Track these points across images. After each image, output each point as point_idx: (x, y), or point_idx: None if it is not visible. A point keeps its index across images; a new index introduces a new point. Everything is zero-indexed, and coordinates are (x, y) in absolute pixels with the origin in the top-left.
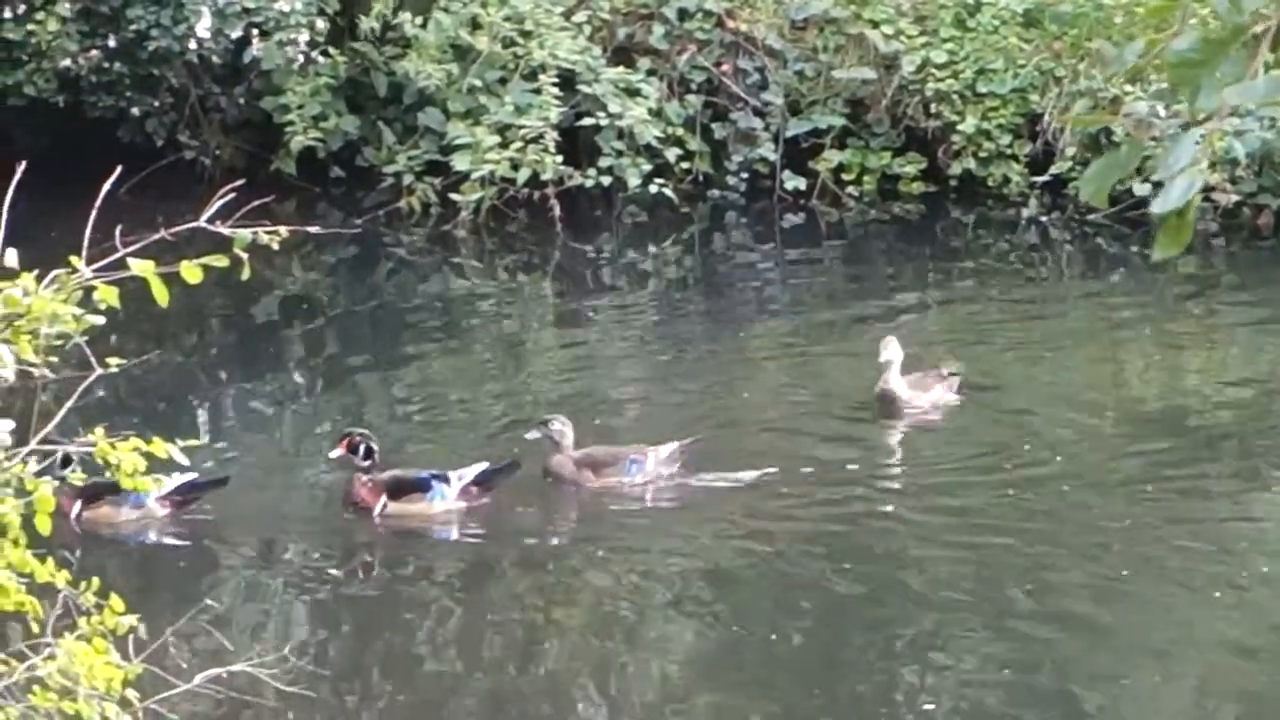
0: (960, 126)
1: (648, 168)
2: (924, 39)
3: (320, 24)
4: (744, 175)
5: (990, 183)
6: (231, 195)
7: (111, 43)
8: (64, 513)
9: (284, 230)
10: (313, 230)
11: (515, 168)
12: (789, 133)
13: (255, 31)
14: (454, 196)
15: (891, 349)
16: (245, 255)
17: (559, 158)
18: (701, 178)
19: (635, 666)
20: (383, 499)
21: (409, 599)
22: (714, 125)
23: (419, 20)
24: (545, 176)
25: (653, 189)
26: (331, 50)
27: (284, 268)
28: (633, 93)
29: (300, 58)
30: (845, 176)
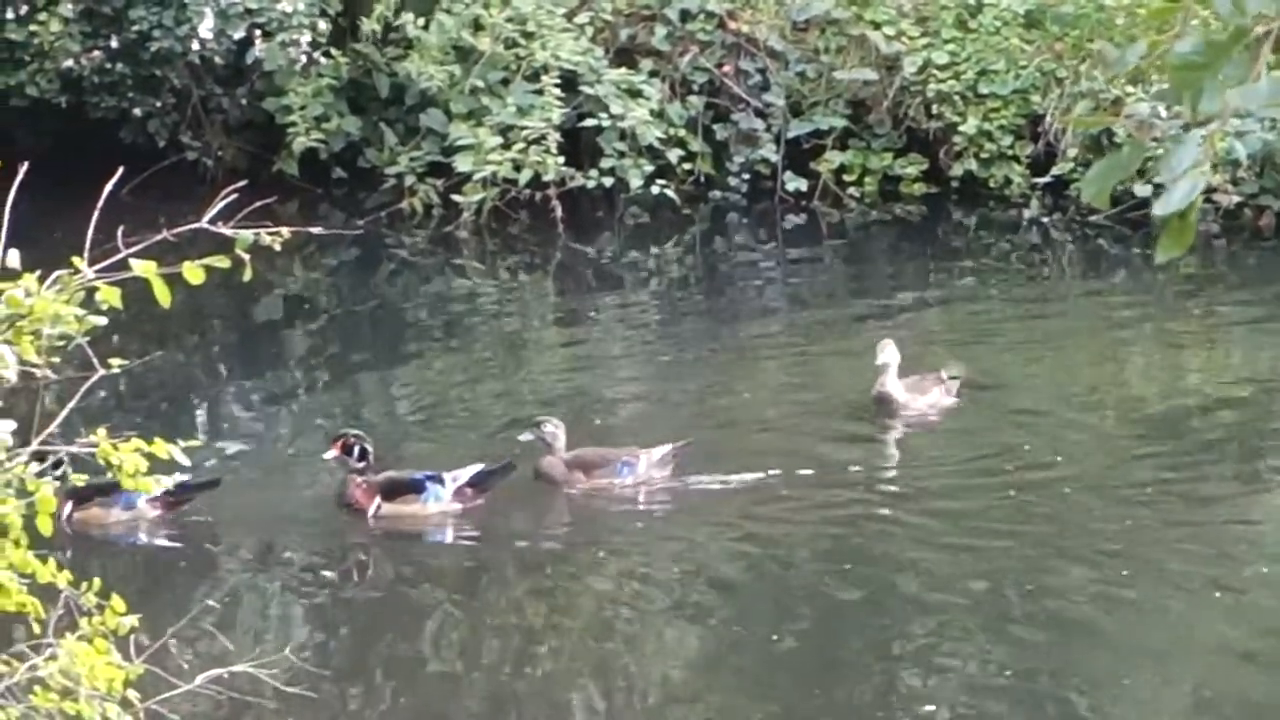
0: (962, 127)
1: (649, 169)
2: (925, 40)
3: (322, 25)
4: (745, 176)
5: (992, 184)
6: (233, 196)
7: (114, 43)
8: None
9: (286, 231)
10: (315, 231)
11: (517, 169)
12: (790, 134)
13: (258, 32)
14: (456, 197)
15: (888, 352)
16: (247, 256)
17: (561, 159)
18: (703, 179)
19: (632, 668)
20: (377, 500)
21: (405, 600)
22: (715, 126)
23: (421, 21)
24: (547, 177)
25: (654, 190)
26: (334, 51)
27: (286, 269)
28: (635, 94)
29: (302, 59)
30: (847, 177)
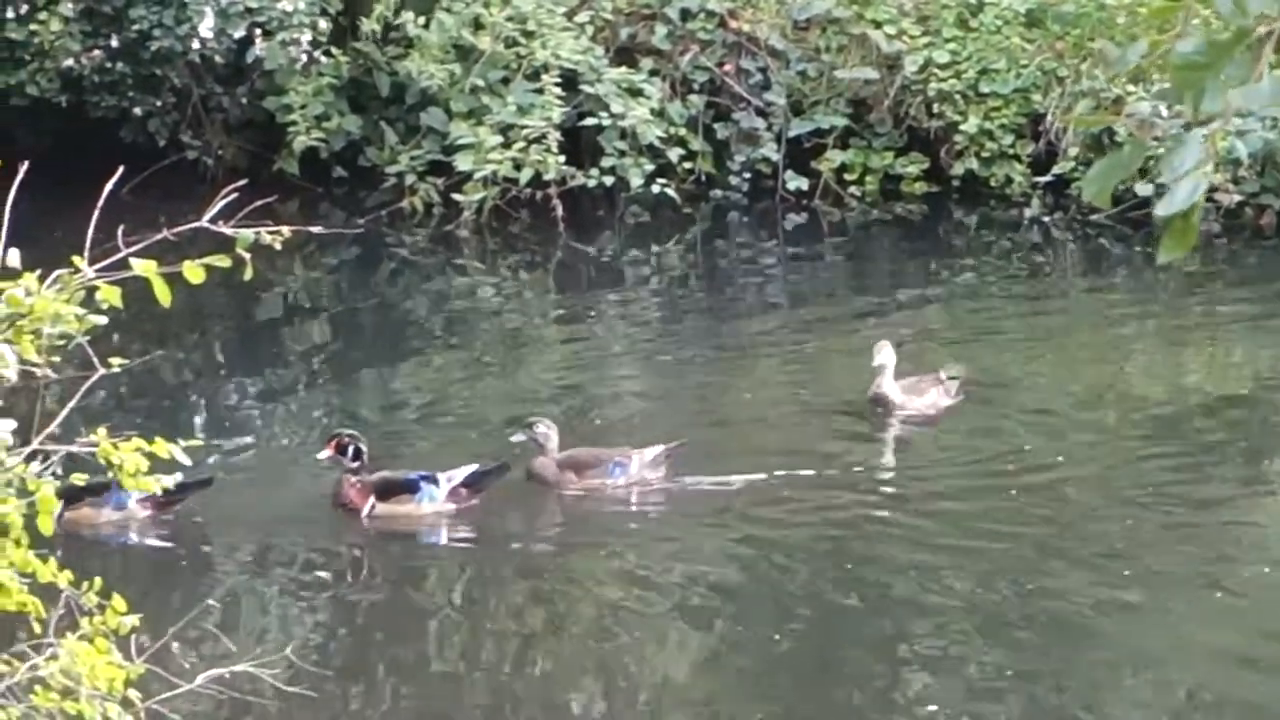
0: (963, 126)
1: (650, 168)
2: (926, 39)
3: (323, 24)
4: (746, 175)
5: (993, 183)
6: (234, 195)
7: (114, 43)
8: None
9: (286, 230)
10: (315, 230)
11: (518, 168)
12: (791, 133)
13: (258, 31)
14: (456, 196)
15: (885, 353)
16: (248, 255)
17: (561, 158)
18: (704, 178)
19: (632, 668)
20: (371, 500)
21: (404, 600)
22: (716, 125)
23: (421, 20)
24: (548, 176)
25: (655, 189)
26: (334, 50)
27: (286, 268)
28: (635, 93)
29: (303, 58)
30: (848, 176)
